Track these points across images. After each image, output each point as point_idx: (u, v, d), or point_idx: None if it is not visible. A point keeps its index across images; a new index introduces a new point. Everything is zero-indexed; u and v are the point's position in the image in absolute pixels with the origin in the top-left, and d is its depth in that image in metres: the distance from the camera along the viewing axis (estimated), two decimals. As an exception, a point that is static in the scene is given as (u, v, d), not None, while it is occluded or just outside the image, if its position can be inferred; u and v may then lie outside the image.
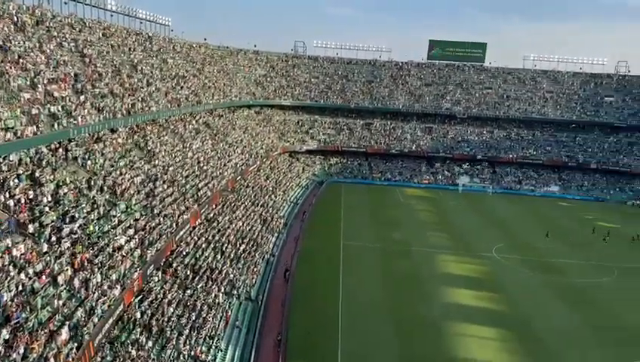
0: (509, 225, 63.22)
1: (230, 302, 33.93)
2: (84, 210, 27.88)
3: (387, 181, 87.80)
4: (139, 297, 28.23)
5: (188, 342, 27.06)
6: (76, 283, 22.83)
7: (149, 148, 43.51)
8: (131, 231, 29.76)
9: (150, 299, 28.77)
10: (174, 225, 34.53)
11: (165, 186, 38.95)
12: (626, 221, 69.14)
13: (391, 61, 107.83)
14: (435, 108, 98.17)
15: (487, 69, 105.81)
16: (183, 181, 42.53)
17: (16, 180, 25.79)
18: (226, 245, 41.20)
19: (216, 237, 41.60)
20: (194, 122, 60.61)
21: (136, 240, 29.29)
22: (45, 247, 23.28)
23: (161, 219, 33.70)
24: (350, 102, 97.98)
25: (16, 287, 20.39)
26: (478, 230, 60.22)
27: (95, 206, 29.10)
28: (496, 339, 33.05)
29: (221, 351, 29.06)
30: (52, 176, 28.38)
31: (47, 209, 25.64)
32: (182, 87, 59.95)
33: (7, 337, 18.29)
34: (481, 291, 41.02)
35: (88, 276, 23.64)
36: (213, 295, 32.84)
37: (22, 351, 18.15)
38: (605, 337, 34.06)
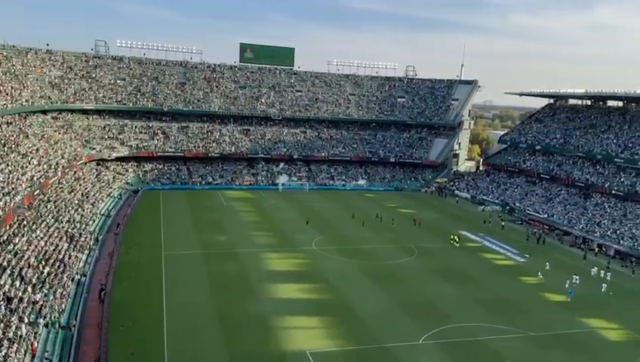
0: (325, 218, 67.45)
1: (36, 332, 29.87)
2: None
3: (208, 185, 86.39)
4: None
5: (-17, 387, 23.10)
6: None
7: None
8: None
9: None
10: (-45, 252, 29.11)
11: (-61, 208, 32.60)
12: (420, 206, 79.42)
13: (203, 63, 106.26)
14: (251, 110, 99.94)
15: (297, 73, 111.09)
16: (-36, 200, 36.10)
17: None
18: (25, 269, 36.09)
19: (13, 262, 36.18)
20: (-26, 131, 51.92)
21: None
22: None
23: (-64, 247, 28.11)
24: (163, 105, 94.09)
25: None
26: (299, 226, 62.95)
27: None
28: (321, 327, 34.89)
29: (28, 389, 25.40)
30: None
31: None
32: (-45, 90, 50.83)
33: None
34: (304, 283, 43.04)
35: None
36: (14, 327, 28.52)
37: None
38: (413, 311, 38.36)
